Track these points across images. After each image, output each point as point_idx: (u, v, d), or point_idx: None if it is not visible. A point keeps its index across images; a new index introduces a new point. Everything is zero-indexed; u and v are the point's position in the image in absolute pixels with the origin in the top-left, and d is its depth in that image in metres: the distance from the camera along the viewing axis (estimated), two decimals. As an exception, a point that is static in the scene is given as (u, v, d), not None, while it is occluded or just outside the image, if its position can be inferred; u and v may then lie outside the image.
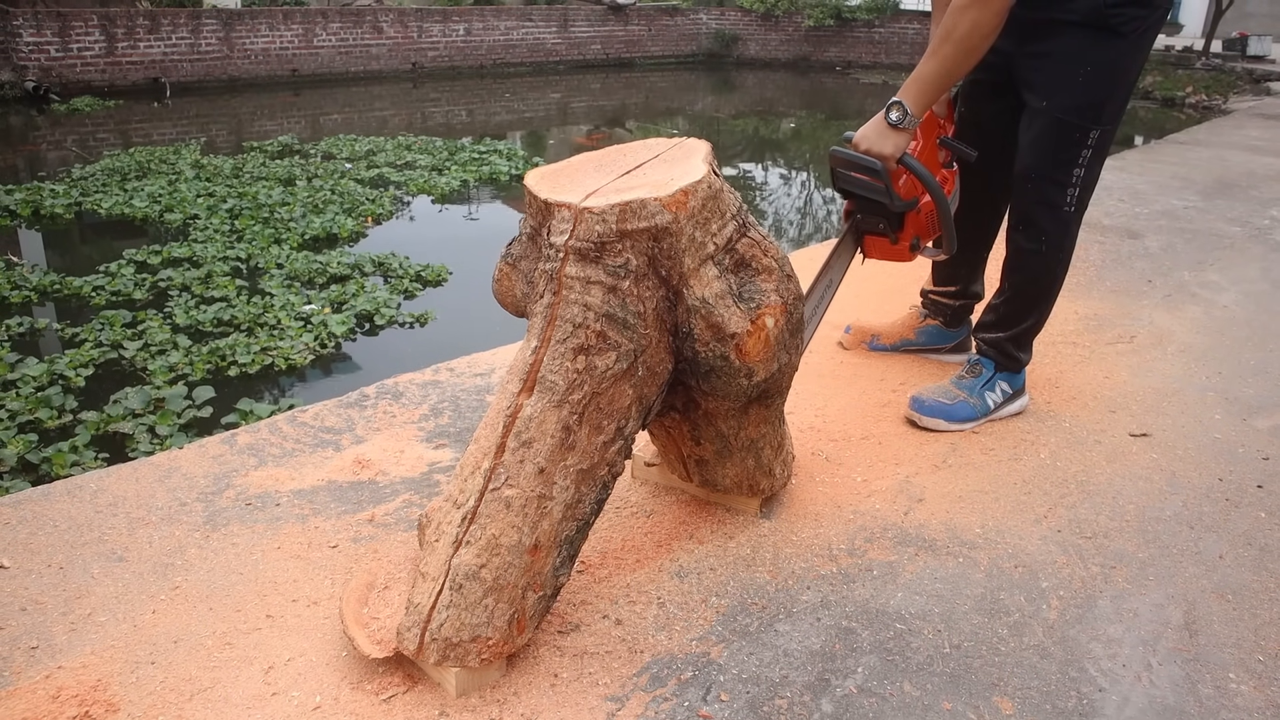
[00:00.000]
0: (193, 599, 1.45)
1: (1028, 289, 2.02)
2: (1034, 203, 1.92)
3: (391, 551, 1.56)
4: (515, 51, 15.00)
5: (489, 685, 1.28)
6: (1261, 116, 8.15)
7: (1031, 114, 1.89)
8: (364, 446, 1.94)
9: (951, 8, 1.72)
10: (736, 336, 1.32)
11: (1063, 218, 1.91)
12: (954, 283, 2.31)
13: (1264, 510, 1.78)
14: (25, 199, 5.79)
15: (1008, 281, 2.05)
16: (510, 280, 1.41)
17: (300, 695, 1.26)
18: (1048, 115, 1.84)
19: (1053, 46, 1.82)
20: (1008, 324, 2.07)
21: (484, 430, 1.31)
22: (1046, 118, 1.85)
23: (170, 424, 2.90)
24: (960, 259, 2.17)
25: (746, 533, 1.65)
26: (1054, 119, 1.83)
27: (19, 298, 4.11)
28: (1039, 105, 1.86)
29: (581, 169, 1.39)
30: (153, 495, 1.73)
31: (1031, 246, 1.96)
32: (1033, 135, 1.88)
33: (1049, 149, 1.86)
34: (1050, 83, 1.83)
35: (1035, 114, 1.88)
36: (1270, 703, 1.30)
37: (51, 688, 1.26)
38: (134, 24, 11.23)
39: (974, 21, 1.69)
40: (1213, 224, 4.04)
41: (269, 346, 3.55)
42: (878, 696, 1.29)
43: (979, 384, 2.07)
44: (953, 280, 2.31)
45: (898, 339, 2.42)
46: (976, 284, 2.31)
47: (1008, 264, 2.04)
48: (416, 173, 6.97)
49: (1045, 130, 1.86)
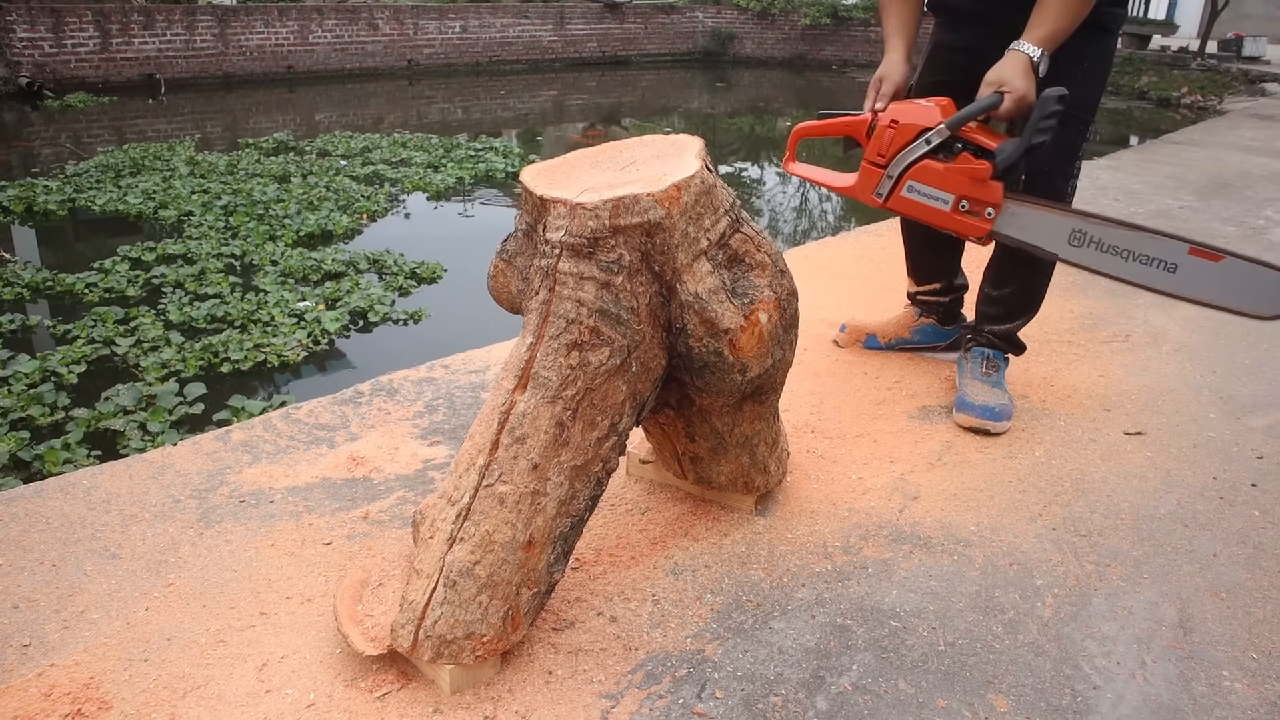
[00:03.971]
0: (186, 596, 1.44)
1: (1035, 280, 2.07)
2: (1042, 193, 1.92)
3: (386, 548, 1.56)
4: (511, 49, 14.98)
5: (483, 682, 1.27)
6: (1256, 117, 8.17)
7: None
8: (358, 443, 1.93)
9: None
10: (730, 332, 1.32)
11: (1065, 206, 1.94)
12: (935, 279, 2.32)
13: (1258, 509, 1.78)
14: (18, 195, 5.77)
15: (1014, 274, 2.07)
16: (506, 276, 1.40)
17: (294, 692, 1.26)
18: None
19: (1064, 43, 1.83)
20: (1016, 314, 2.12)
21: (479, 426, 1.30)
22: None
23: (162, 421, 2.89)
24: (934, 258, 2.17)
25: (741, 530, 1.65)
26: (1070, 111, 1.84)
27: (11, 294, 4.09)
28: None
29: (577, 165, 1.39)
30: (146, 492, 1.72)
31: None
32: None
33: (1056, 144, 1.87)
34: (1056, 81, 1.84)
35: None
36: (1264, 700, 1.30)
37: (44, 685, 1.26)
38: (128, 20, 11.19)
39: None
40: (1208, 224, 4.04)
41: (262, 343, 3.53)
42: (872, 694, 1.29)
43: (1003, 377, 2.13)
44: (933, 277, 2.32)
45: (893, 337, 2.43)
46: (959, 277, 2.34)
47: (1016, 263, 2.04)
48: (412, 170, 6.95)
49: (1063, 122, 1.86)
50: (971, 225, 1.84)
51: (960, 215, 1.84)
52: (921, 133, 1.83)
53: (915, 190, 1.86)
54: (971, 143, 1.80)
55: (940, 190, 1.84)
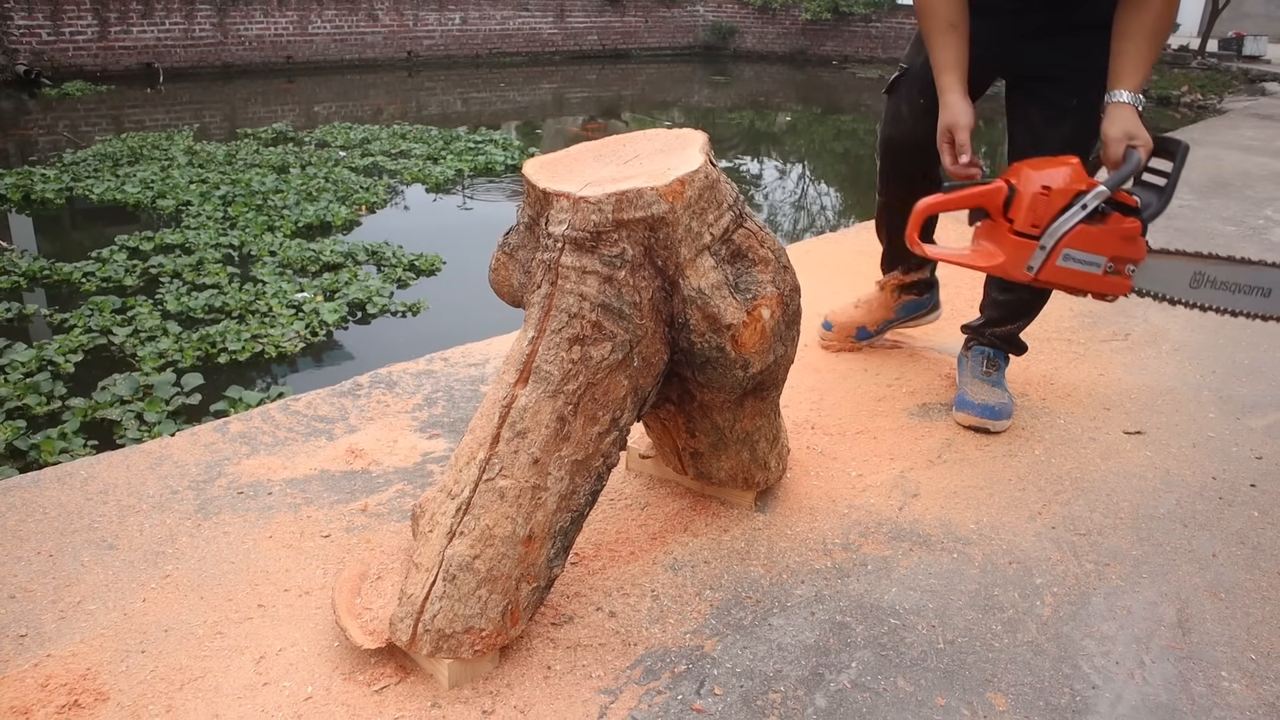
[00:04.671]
0: (184, 588, 1.44)
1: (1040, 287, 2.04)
2: None
3: (384, 542, 1.55)
4: (511, 41, 14.94)
5: (482, 677, 1.27)
6: (1256, 116, 8.16)
7: (1059, 111, 1.89)
8: (357, 436, 1.92)
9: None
10: (733, 328, 1.31)
11: None
12: (902, 261, 2.31)
13: (1257, 509, 1.78)
14: (15, 183, 5.75)
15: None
16: (507, 270, 1.40)
17: (292, 685, 1.25)
18: (1080, 113, 1.86)
19: (1080, 44, 1.84)
20: (1019, 316, 2.12)
21: (479, 420, 1.30)
22: (1079, 115, 1.86)
23: (159, 411, 2.88)
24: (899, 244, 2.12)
25: (741, 526, 1.65)
26: (1086, 116, 1.84)
27: (8, 283, 4.07)
28: (1069, 103, 1.87)
29: (580, 159, 1.38)
30: (144, 483, 1.72)
31: None
32: (1066, 133, 1.88)
33: (1083, 145, 1.87)
34: (1084, 81, 1.84)
35: (1065, 112, 1.88)
36: (1262, 701, 1.30)
37: (40, 676, 1.25)
38: (127, 8, 11.14)
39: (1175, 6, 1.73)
40: (1207, 223, 4.04)
41: (260, 334, 3.52)
42: (871, 691, 1.29)
43: (1003, 377, 2.13)
44: (901, 261, 2.31)
45: (880, 321, 2.41)
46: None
47: None
48: (411, 162, 6.93)
49: (1079, 127, 1.87)
50: (1118, 284, 1.78)
51: (1108, 277, 1.78)
52: (1077, 197, 1.72)
53: (1071, 258, 1.76)
54: (1116, 201, 1.74)
55: (1094, 254, 1.76)
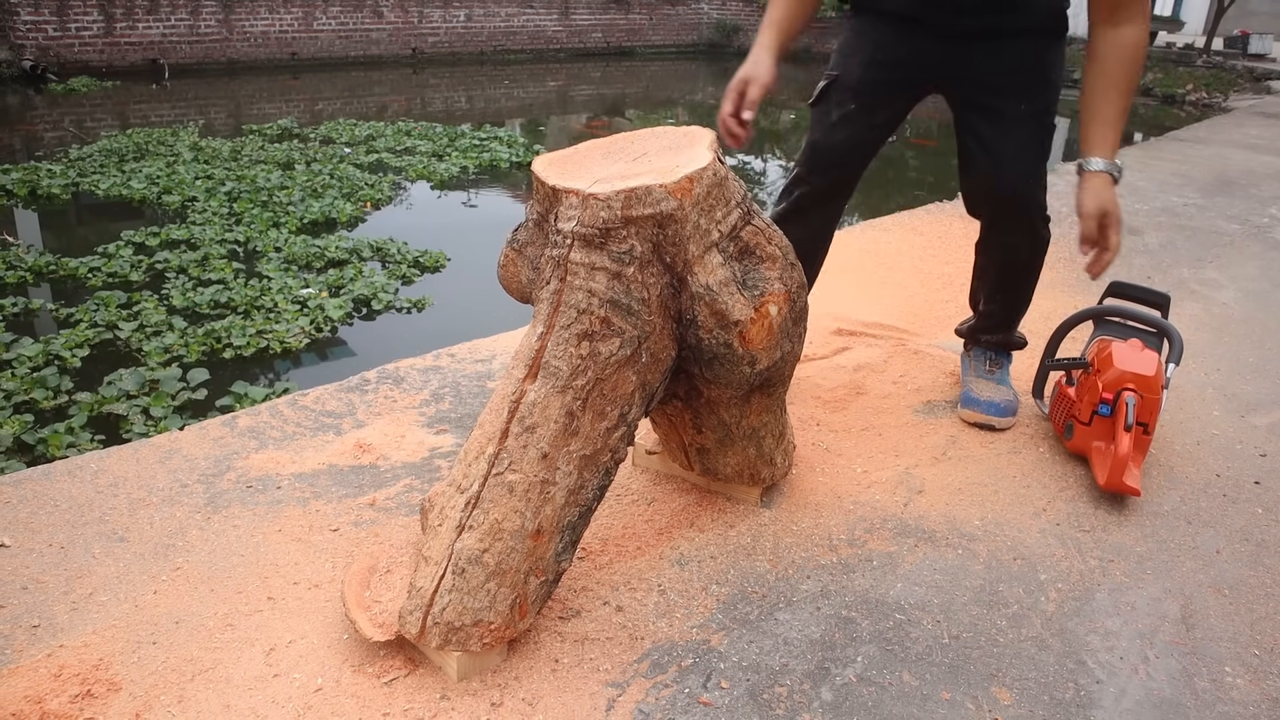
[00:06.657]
0: (194, 580, 1.45)
1: (1025, 288, 2.04)
2: (1028, 208, 1.86)
3: (393, 536, 1.56)
4: (516, 38, 14.93)
5: (490, 670, 1.28)
6: (1262, 115, 8.15)
7: (1007, 120, 1.80)
8: (365, 431, 1.93)
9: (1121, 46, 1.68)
10: (740, 324, 1.32)
11: (1046, 214, 1.91)
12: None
13: (1261, 506, 1.79)
14: (22, 179, 5.76)
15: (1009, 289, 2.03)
16: (516, 266, 1.40)
17: (302, 677, 1.26)
18: (1031, 119, 1.80)
19: (1020, 50, 1.78)
20: (1010, 321, 2.10)
21: (488, 415, 1.31)
22: (1031, 122, 1.80)
23: (165, 406, 2.89)
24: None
25: (747, 521, 1.65)
26: (1039, 122, 1.81)
27: (14, 278, 4.08)
28: (1017, 110, 1.79)
29: (589, 156, 1.39)
30: (153, 476, 1.73)
31: (1032, 251, 1.94)
32: (1018, 141, 1.81)
33: (1038, 152, 1.83)
34: (1030, 86, 1.79)
35: (1013, 119, 1.80)
36: (1266, 696, 1.31)
37: (53, 666, 1.26)
38: (133, 4, 11.15)
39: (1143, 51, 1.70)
40: (1212, 221, 4.04)
41: (265, 329, 3.53)
42: (877, 685, 1.29)
43: (1007, 374, 2.14)
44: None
45: None
46: None
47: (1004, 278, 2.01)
48: (416, 158, 6.94)
49: (1032, 134, 1.81)
50: None
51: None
52: None
53: None
54: None
55: None
